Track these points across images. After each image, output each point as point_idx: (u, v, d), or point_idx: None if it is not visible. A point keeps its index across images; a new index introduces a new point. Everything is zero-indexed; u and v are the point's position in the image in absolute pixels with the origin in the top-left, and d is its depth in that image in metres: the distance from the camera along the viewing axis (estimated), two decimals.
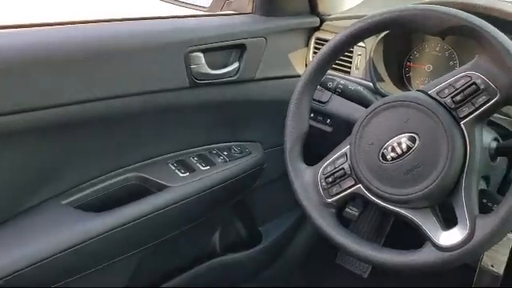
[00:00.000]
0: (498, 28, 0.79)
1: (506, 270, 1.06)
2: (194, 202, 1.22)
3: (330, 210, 0.95)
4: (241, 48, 1.28)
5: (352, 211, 0.99)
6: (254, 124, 1.45)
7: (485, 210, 0.84)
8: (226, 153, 1.36)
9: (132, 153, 1.22)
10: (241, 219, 1.58)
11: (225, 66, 1.26)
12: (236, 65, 1.28)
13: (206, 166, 1.28)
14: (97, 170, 1.16)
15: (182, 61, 1.16)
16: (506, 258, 1.04)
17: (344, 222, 0.97)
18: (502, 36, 0.77)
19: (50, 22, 1.05)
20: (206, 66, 1.21)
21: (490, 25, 0.78)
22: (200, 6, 1.58)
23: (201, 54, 1.19)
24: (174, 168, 1.26)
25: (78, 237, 1.03)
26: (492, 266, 1.06)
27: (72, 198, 1.11)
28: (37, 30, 1.02)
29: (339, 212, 0.97)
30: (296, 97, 0.99)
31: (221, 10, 1.51)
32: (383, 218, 1.75)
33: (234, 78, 1.28)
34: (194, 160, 1.30)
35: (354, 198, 0.95)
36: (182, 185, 1.21)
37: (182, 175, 1.24)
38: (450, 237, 0.80)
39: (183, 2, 1.63)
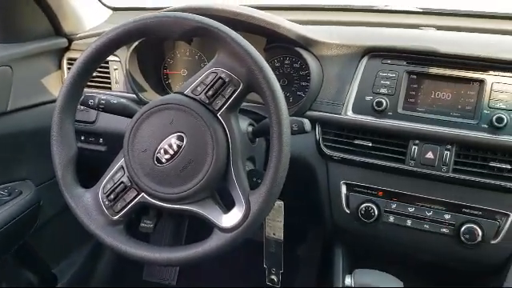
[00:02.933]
0: (230, 27, 0.89)
1: (284, 233, 1.21)
2: None
3: (118, 227, 0.93)
4: None
5: (146, 224, 0.99)
6: (19, 160, 1.32)
7: (256, 186, 0.92)
8: None
9: None
10: (28, 266, 1.42)
11: None
12: None
13: None
14: None
15: None
16: (282, 224, 1.18)
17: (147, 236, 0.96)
18: (232, 32, 0.87)
19: None
20: None
21: (221, 24, 0.88)
22: None
23: None
24: None
25: None
26: (274, 234, 1.20)
27: None
28: None
29: (133, 226, 0.96)
30: (56, 122, 0.94)
31: None
32: (178, 221, 1.80)
33: None
34: None
35: (145, 208, 0.95)
36: None
37: None
38: (232, 218, 0.87)
39: None
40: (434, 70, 1.07)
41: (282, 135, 0.83)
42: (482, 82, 1.04)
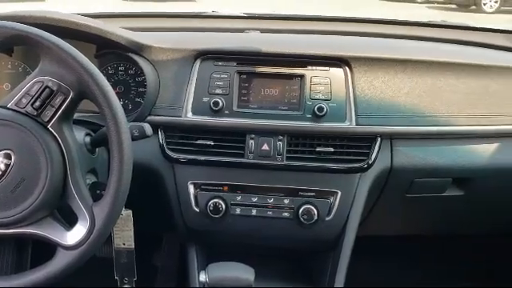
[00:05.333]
0: (55, 34, 0.84)
1: (138, 242, 1.19)
2: None
3: None
4: None
5: None
6: None
7: (100, 199, 0.88)
8: None
9: None
10: None
11: None
12: None
13: None
14: None
15: None
16: (132, 232, 1.16)
17: None
18: (55, 38, 0.83)
19: None
20: None
21: (42, 30, 0.83)
22: None
23: None
24: None
25: None
26: (124, 244, 1.17)
27: None
28: None
29: None
30: None
31: None
32: (19, 246, 1.64)
33: None
34: None
35: None
36: None
37: None
38: (76, 234, 0.83)
39: None
40: (260, 69, 1.16)
41: (121, 142, 0.82)
42: (302, 76, 1.15)
